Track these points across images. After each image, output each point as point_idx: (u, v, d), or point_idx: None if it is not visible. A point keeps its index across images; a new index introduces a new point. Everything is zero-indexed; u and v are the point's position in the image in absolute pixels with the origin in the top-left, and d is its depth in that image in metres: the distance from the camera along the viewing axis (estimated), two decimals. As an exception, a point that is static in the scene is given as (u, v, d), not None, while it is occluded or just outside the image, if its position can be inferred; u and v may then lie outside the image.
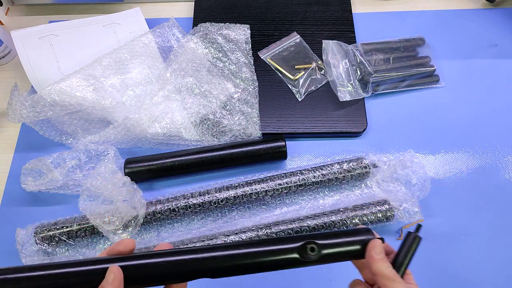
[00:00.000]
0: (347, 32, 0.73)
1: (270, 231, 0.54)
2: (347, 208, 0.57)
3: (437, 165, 0.63)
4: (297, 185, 0.58)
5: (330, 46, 0.67)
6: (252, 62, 0.70)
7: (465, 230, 0.58)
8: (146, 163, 0.60)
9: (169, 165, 0.60)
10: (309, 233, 0.37)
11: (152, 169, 0.60)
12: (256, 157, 0.61)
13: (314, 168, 0.60)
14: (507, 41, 0.73)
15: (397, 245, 0.57)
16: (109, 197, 0.54)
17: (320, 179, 0.59)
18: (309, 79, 0.68)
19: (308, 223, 0.54)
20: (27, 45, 0.65)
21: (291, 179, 0.59)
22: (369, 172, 0.59)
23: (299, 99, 0.67)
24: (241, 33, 0.72)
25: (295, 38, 0.72)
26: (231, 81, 0.68)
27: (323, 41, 0.68)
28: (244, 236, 0.53)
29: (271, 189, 0.58)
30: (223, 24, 0.73)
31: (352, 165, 0.59)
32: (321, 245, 0.36)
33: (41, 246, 0.55)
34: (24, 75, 0.64)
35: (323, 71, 0.69)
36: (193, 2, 0.78)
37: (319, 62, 0.70)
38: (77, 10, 0.81)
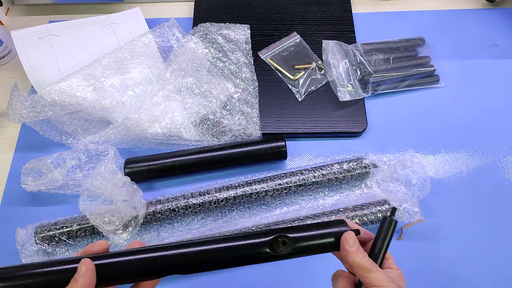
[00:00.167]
0: (347, 32, 0.73)
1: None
2: (347, 208, 0.57)
3: (437, 165, 0.63)
4: (297, 185, 0.58)
5: (330, 46, 0.67)
6: (252, 62, 0.70)
7: (465, 230, 0.58)
8: (146, 163, 0.60)
9: (169, 165, 0.60)
10: (282, 226, 0.37)
11: (152, 169, 0.60)
12: (256, 157, 0.61)
13: (314, 168, 0.60)
14: (507, 41, 0.73)
15: (397, 245, 0.57)
16: (109, 197, 0.54)
17: (320, 179, 0.59)
18: (309, 79, 0.68)
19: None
20: (27, 45, 0.65)
21: (291, 179, 0.59)
22: (369, 172, 0.59)
23: (299, 99, 0.67)
24: (241, 33, 0.72)
25: (295, 38, 0.72)
26: (231, 81, 0.68)
27: (323, 41, 0.68)
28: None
29: (271, 189, 0.58)
30: (223, 24, 0.73)
31: (352, 165, 0.59)
32: (293, 238, 0.36)
33: (41, 246, 0.55)
34: (24, 75, 0.64)
35: (323, 71, 0.69)
36: (193, 2, 0.78)
37: (319, 62, 0.70)
38: (77, 10, 0.81)
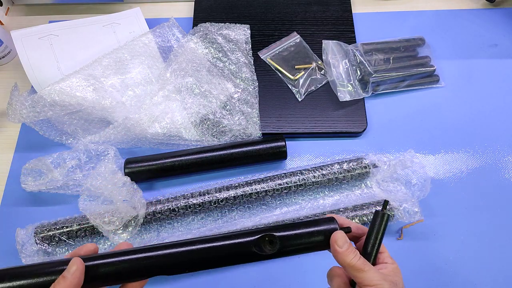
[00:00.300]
0: (347, 32, 0.73)
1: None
2: (347, 208, 0.57)
3: (437, 165, 0.63)
4: (297, 185, 0.58)
5: (330, 46, 0.67)
6: (252, 62, 0.70)
7: (465, 230, 0.58)
8: (146, 163, 0.60)
9: (169, 165, 0.60)
10: (270, 225, 0.36)
11: (152, 169, 0.60)
12: (256, 157, 0.61)
13: (314, 168, 0.60)
14: (507, 41, 0.73)
15: (397, 245, 0.57)
16: (109, 197, 0.54)
17: (320, 179, 0.59)
18: (309, 79, 0.68)
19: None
20: (27, 45, 0.65)
21: (291, 179, 0.59)
22: (369, 172, 0.59)
23: (299, 99, 0.67)
24: (241, 33, 0.72)
25: (295, 38, 0.72)
26: (231, 81, 0.68)
27: (323, 41, 0.68)
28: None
29: (271, 189, 0.58)
30: (223, 24, 0.73)
31: (352, 165, 0.59)
32: (280, 237, 0.36)
33: (41, 246, 0.55)
34: (24, 75, 0.64)
35: (323, 71, 0.69)
36: (193, 2, 0.78)
37: (319, 62, 0.70)
38: (77, 10, 0.81)
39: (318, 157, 0.65)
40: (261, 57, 0.71)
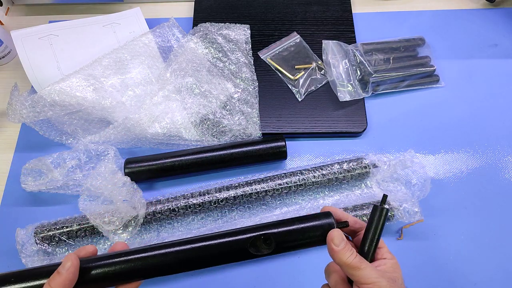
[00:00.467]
0: (347, 32, 0.73)
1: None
2: (347, 208, 0.57)
3: (437, 165, 0.63)
4: (297, 185, 0.58)
5: (330, 46, 0.67)
6: (252, 62, 0.70)
7: (465, 230, 0.58)
8: (146, 163, 0.60)
9: (169, 165, 0.60)
10: (266, 222, 0.36)
11: (152, 169, 0.60)
12: (256, 157, 0.61)
13: (314, 168, 0.60)
14: (507, 41, 0.73)
15: (397, 245, 0.57)
16: (109, 197, 0.54)
17: (320, 179, 0.59)
18: (309, 79, 0.68)
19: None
20: (27, 45, 0.65)
21: (291, 179, 0.59)
22: (369, 172, 0.59)
23: (299, 99, 0.67)
24: (241, 33, 0.72)
25: (295, 38, 0.72)
26: (231, 81, 0.68)
27: (323, 41, 0.68)
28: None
29: (271, 189, 0.58)
30: (223, 24, 0.73)
31: (352, 165, 0.59)
32: (276, 235, 0.35)
33: (41, 246, 0.55)
34: (24, 75, 0.64)
35: (323, 71, 0.69)
36: (193, 2, 0.78)
37: (319, 62, 0.70)
38: (77, 10, 0.81)
39: (318, 157, 0.65)
40: (261, 57, 0.71)
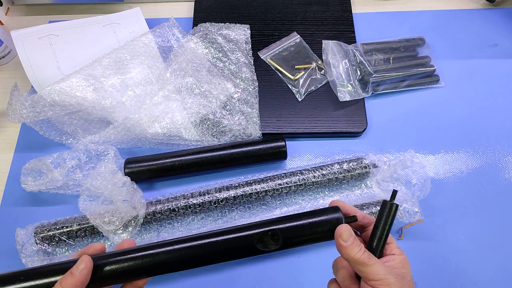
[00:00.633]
0: (347, 32, 0.73)
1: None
2: (347, 208, 0.57)
3: (437, 165, 0.63)
4: (297, 185, 0.58)
5: (330, 46, 0.67)
6: (252, 62, 0.70)
7: (465, 230, 0.58)
8: (146, 163, 0.60)
9: (169, 165, 0.60)
10: (273, 218, 0.36)
11: (152, 169, 0.60)
12: (256, 157, 0.61)
13: (314, 168, 0.60)
14: (507, 41, 0.73)
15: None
16: (109, 197, 0.54)
17: (320, 179, 0.59)
18: (309, 79, 0.68)
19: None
20: (27, 45, 0.65)
21: (291, 179, 0.59)
22: (369, 172, 0.59)
23: (299, 99, 0.67)
24: (241, 33, 0.72)
25: (295, 38, 0.72)
26: (231, 81, 0.68)
27: (323, 41, 0.68)
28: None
29: (271, 189, 0.58)
30: (223, 24, 0.73)
31: (352, 165, 0.59)
32: (283, 231, 0.35)
33: (41, 246, 0.55)
34: (24, 75, 0.64)
35: (323, 71, 0.69)
36: (193, 2, 0.78)
37: (319, 62, 0.70)
38: (77, 10, 0.81)
39: (318, 157, 0.65)
40: (261, 57, 0.71)
